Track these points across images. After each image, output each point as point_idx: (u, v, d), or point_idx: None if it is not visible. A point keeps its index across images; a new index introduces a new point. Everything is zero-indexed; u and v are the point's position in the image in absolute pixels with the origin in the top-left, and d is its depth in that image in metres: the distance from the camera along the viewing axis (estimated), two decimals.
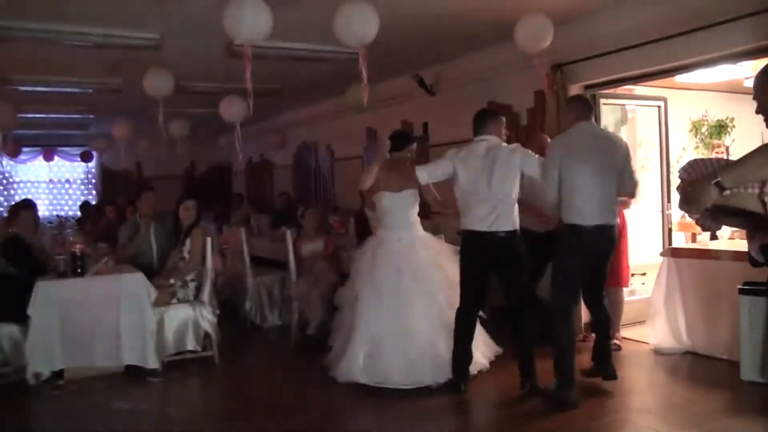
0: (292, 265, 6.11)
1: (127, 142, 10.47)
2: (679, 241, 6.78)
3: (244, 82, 4.42)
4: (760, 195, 2.39)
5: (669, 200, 6.22)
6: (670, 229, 6.25)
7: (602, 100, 5.93)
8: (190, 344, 5.31)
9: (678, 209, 6.70)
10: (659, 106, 6.31)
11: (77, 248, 5.11)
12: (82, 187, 14.92)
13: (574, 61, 5.72)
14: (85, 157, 14.17)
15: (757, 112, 2.51)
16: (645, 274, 6.36)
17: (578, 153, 4.05)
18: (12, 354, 4.89)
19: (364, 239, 5.23)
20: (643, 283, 6.23)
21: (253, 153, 13.29)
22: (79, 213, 11.53)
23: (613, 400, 4.17)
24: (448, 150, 4.48)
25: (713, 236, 5.94)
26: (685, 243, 6.78)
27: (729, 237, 5.94)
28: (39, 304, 4.78)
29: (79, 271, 5.05)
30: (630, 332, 5.59)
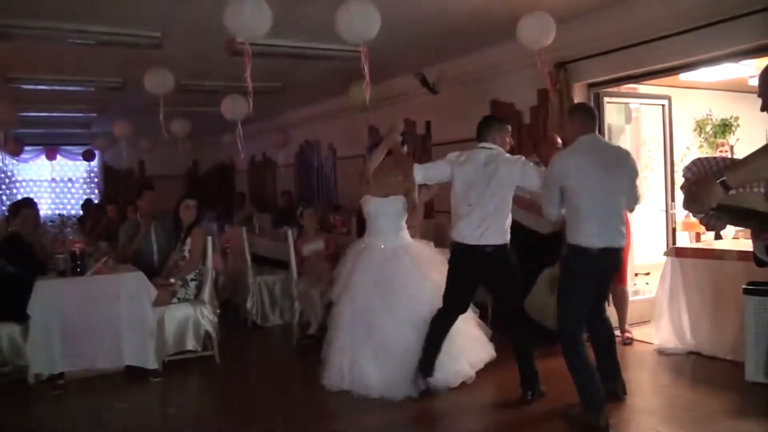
0: (294, 264, 6.10)
1: (129, 141, 10.48)
2: (683, 240, 6.74)
3: (245, 81, 4.40)
4: (767, 194, 2.36)
5: (673, 200, 6.18)
6: (674, 229, 6.21)
7: (606, 99, 5.91)
8: (191, 344, 5.29)
9: (682, 209, 6.75)
10: (663, 105, 6.27)
11: (77, 247, 5.09)
12: (85, 186, 14.94)
13: (578, 59, 5.70)
14: (88, 156, 14.18)
15: (762, 110, 2.48)
16: (649, 273, 6.34)
17: (583, 171, 3.75)
18: (12, 353, 4.88)
19: None
20: (647, 283, 6.20)
21: (256, 152, 13.28)
22: (81, 212, 11.54)
23: (617, 401, 4.12)
24: (450, 151, 4.35)
25: (717, 236, 5.89)
26: (689, 243, 6.74)
27: (733, 237, 5.89)
28: (39, 304, 4.76)
29: (78, 270, 5.03)
30: (634, 332, 5.55)
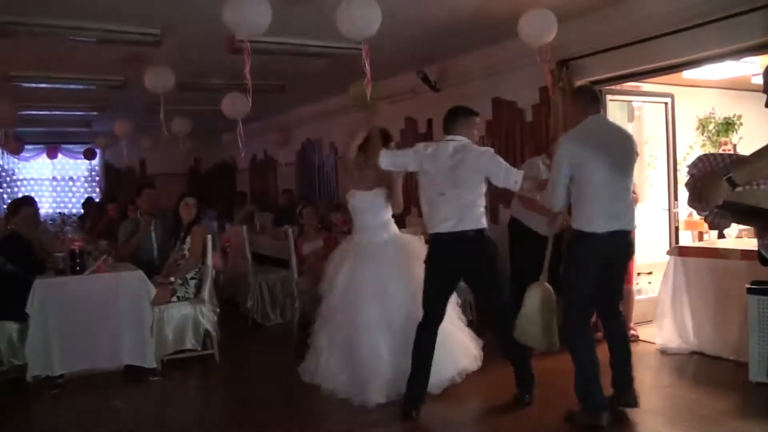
0: (294, 263, 6.08)
1: (130, 140, 10.45)
2: (686, 239, 6.71)
3: (245, 78, 4.37)
4: None
5: (676, 198, 6.14)
6: (677, 228, 6.18)
7: (609, 96, 5.87)
8: (190, 343, 5.27)
9: (686, 207, 6.72)
10: (666, 103, 6.24)
11: (76, 246, 5.07)
12: (86, 185, 14.92)
13: (580, 57, 5.66)
14: (89, 155, 14.16)
15: (767, 105, 2.44)
16: (651, 273, 6.30)
17: (594, 151, 3.57)
18: (10, 352, 4.85)
19: None
20: (649, 282, 6.17)
21: (257, 150, 13.25)
22: (82, 210, 11.53)
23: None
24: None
25: (721, 235, 5.87)
26: (692, 242, 6.71)
27: (736, 236, 5.86)
28: (37, 303, 4.73)
29: (78, 269, 5.00)
30: (637, 332, 5.52)
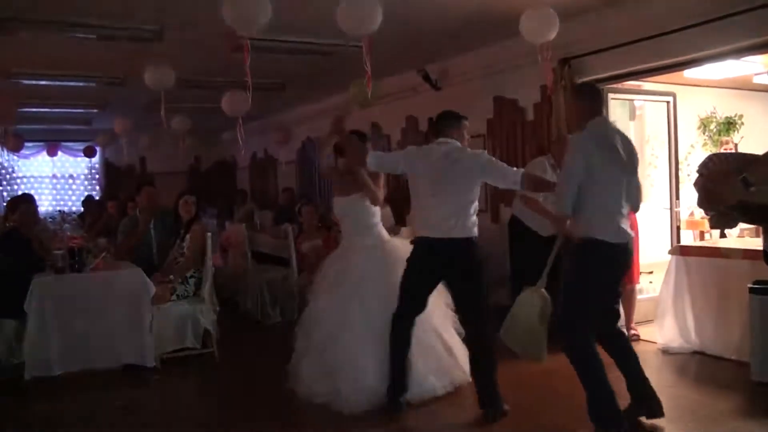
0: (294, 261, 6.05)
1: (130, 138, 10.42)
2: (687, 239, 6.69)
3: (244, 76, 4.34)
4: None
5: (677, 197, 6.12)
6: (678, 227, 6.15)
7: (611, 95, 5.86)
8: (190, 341, 5.24)
9: (687, 206, 6.70)
10: (668, 102, 6.21)
11: (75, 243, 5.05)
12: (86, 183, 14.90)
13: (582, 55, 5.64)
14: (89, 153, 14.13)
15: None
16: (652, 272, 6.27)
17: (603, 154, 3.35)
18: (8, 350, 4.83)
19: None
20: (650, 282, 6.14)
21: (257, 149, 13.23)
22: (82, 208, 11.50)
23: (620, 402, 4.05)
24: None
25: (722, 234, 5.85)
26: (693, 241, 6.69)
27: (738, 235, 5.85)
28: (36, 300, 4.70)
29: (76, 266, 4.98)
30: (638, 331, 5.50)
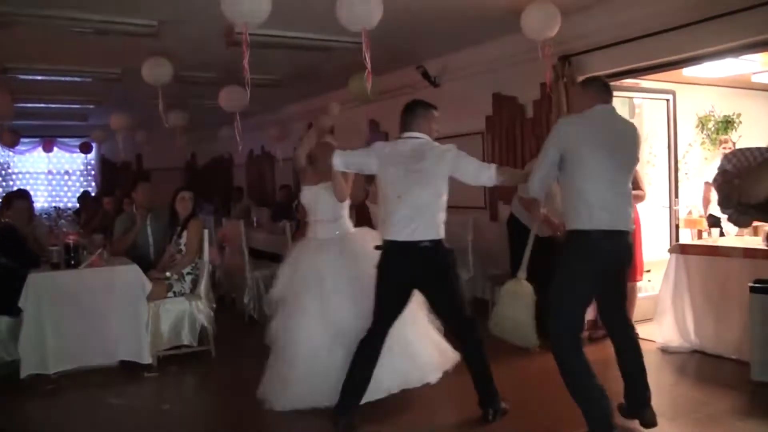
0: None
1: (126, 134, 10.38)
2: (685, 238, 6.67)
3: (242, 71, 4.30)
4: None
5: (676, 196, 6.10)
6: (677, 226, 6.14)
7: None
8: (186, 338, 5.23)
9: (686, 205, 6.67)
10: (668, 100, 6.19)
11: (71, 239, 5.01)
12: (81, 179, 14.84)
13: (583, 52, 5.61)
14: (85, 149, 14.08)
15: None
16: (650, 271, 6.26)
17: (593, 141, 3.28)
18: (3, 348, 4.80)
19: None
20: (648, 280, 6.13)
21: (254, 146, 13.17)
22: (78, 204, 11.45)
23: (619, 401, 4.03)
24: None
25: (721, 233, 5.83)
26: (691, 240, 6.68)
27: (736, 234, 5.82)
28: (31, 297, 4.68)
29: (72, 263, 4.96)
30: (637, 330, 5.47)
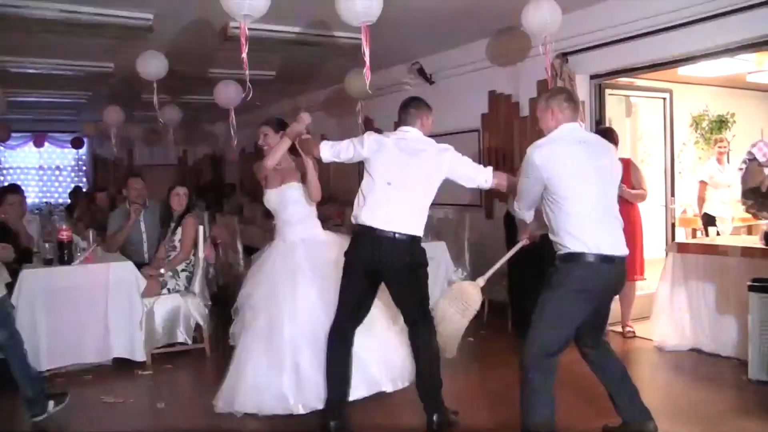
0: None
1: (118, 129, 10.27)
2: (679, 237, 6.68)
3: (238, 67, 4.25)
4: None
5: (672, 194, 6.12)
6: (673, 224, 6.15)
7: (608, 91, 5.84)
8: (181, 336, 5.18)
9: (681, 204, 6.68)
10: (664, 98, 6.20)
11: (64, 235, 4.95)
12: (73, 174, 14.73)
13: (581, 50, 5.60)
14: (76, 144, 13.97)
15: None
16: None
17: (573, 163, 3.12)
18: None
19: None
20: (645, 279, 6.12)
21: (247, 143, 13.10)
22: (69, 199, 11.35)
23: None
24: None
25: (717, 232, 5.83)
26: (686, 239, 6.69)
27: (731, 233, 5.84)
28: (24, 293, 4.62)
29: (65, 259, 4.90)
30: (633, 328, 5.48)
